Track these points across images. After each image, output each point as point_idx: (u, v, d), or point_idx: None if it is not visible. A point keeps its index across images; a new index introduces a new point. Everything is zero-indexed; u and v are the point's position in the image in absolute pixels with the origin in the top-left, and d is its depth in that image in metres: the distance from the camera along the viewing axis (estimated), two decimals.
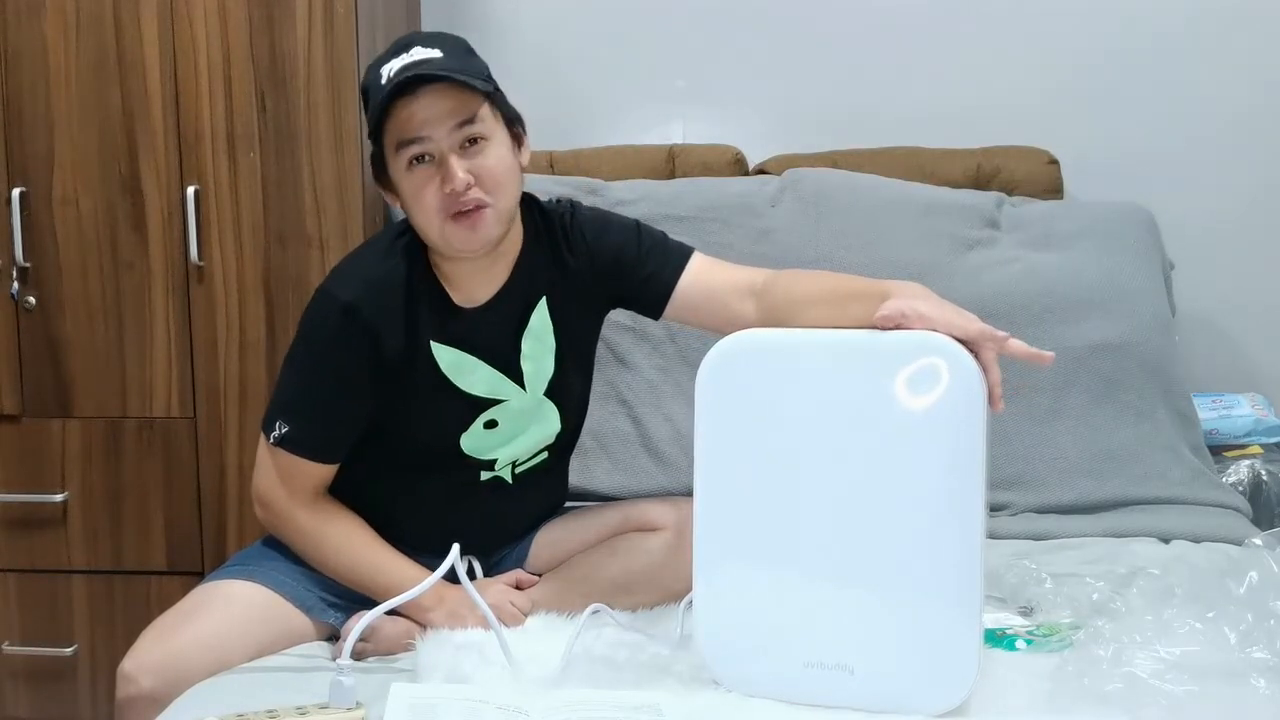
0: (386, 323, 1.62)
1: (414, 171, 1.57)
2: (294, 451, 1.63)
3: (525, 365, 1.70)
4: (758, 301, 1.64)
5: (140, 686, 1.52)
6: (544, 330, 1.71)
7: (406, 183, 1.59)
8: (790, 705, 1.38)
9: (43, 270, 2.26)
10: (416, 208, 1.59)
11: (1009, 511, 2.14)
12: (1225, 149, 2.60)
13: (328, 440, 1.65)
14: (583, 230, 1.72)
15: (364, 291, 1.61)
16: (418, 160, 1.57)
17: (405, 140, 1.56)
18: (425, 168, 1.57)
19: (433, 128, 1.55)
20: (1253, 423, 2.42)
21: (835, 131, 2.61)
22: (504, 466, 1.73)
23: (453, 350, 1.66)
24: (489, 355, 1.68)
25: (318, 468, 1.65)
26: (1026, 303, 2.25)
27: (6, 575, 2.31)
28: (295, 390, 1.66)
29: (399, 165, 1.59)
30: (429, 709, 1.30)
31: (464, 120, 1.56)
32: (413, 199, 1.59)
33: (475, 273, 1.66)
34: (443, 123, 1.55)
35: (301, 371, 1.66)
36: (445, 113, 1.55)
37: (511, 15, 2.65)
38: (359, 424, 1.67)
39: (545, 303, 1.70)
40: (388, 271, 1.64)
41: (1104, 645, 1.39)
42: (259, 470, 1.67)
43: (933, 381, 1.32)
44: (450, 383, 1.66)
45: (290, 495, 1.65)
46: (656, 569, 1.67)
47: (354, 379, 1.63)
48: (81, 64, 2.21)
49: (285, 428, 1.63)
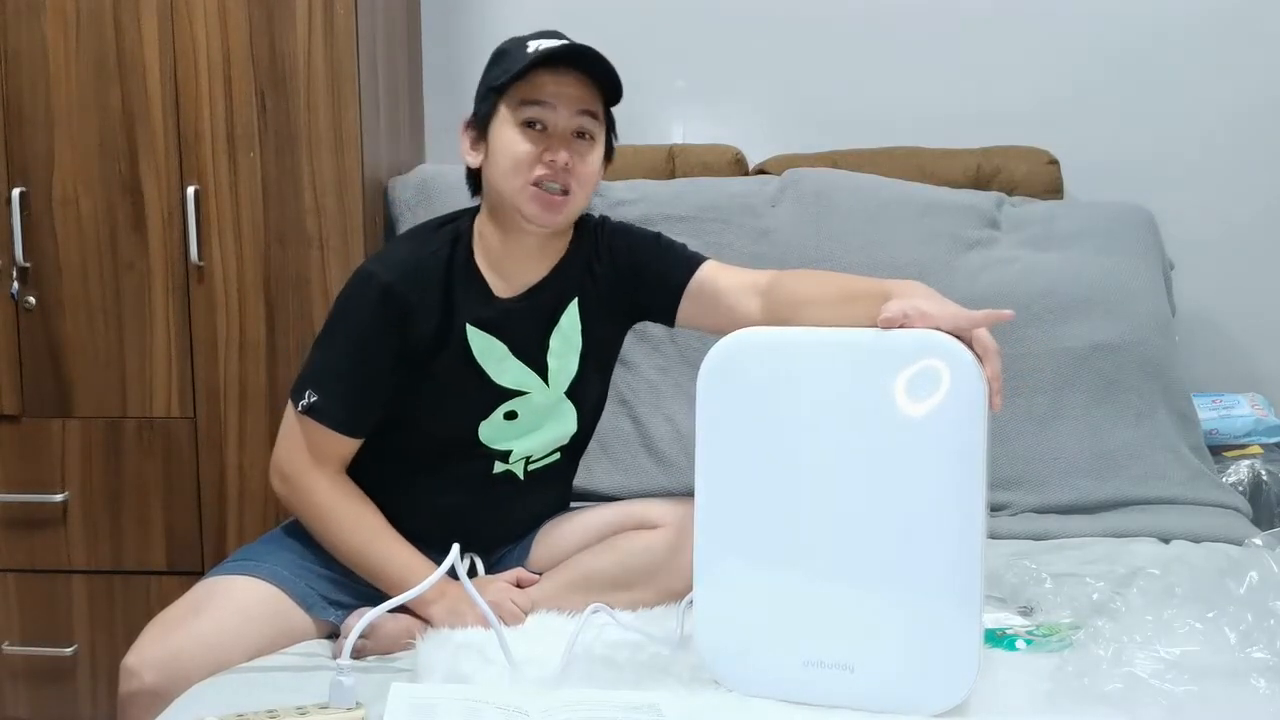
0: (423, 305, 1.65)
1: (523, 131, 1.63)
2: (321, 421, 1.65)
3: (551, 361, 1.73)
4: (763, 301, 1.66)
5: (142, 681, 1.52)
6: (572, 330, 1.74)
7: (510, 134, 1.64)
8: (790, 705, 1.38)
9: (43, 270, 2.26)
10: (508, 160, 1.64)
11: (1009, 511, 2.14)
12: (1225, 149, 2.60)
13: (354, 414, 1.67)
14: (611, 241, 1.78)
15: (403, 273, 1.65)
16: (530, 125, 1.63)
17: (533, 100, 1.62)
18: (535, 133, 1.63)
19: (563, 101, 1.62)
20: (1253, 423, 2.42)
21: (835, 131, 2.61)
22: (518, 461, 1.75)
23: (487, 336, 1.69)
24: (519, 347, 1.71)
25: (341, 440, 1.67)
26: (1026, 303, 2.25)
27: (6, 575, 2.32)
28: (327, 363, 1.67)
29: (511, 119, 1.63)
30: (429, 709, 1.30)
31: (587, 110, 1.65)
32: (508, 151, 1.64)
33: (519, 260, 1.70)
34: (572, 103, 1.63)
35: (335, 346, 1.67)
36: (577, 96, 1.63)
37: (511, 16, 2.65)
38: (385, 402, 1.68)
39: (576, 304, 1.74)
40: (429, 255, 1.68)
41: (1104, 645, 1.39)
42: (282, 439, 1.69)
43: (934, 381, 1.32)
44: (480, 368, 1.69)
45: (312, 466, 1.66)
46: (656, 567, 1.67)
47: (385, 358, 1.65)
48: (81, 64, 2.22)
49: (314, 397, 1.65)
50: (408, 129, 2.57)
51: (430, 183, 2.37)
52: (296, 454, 1.66)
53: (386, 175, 2.40)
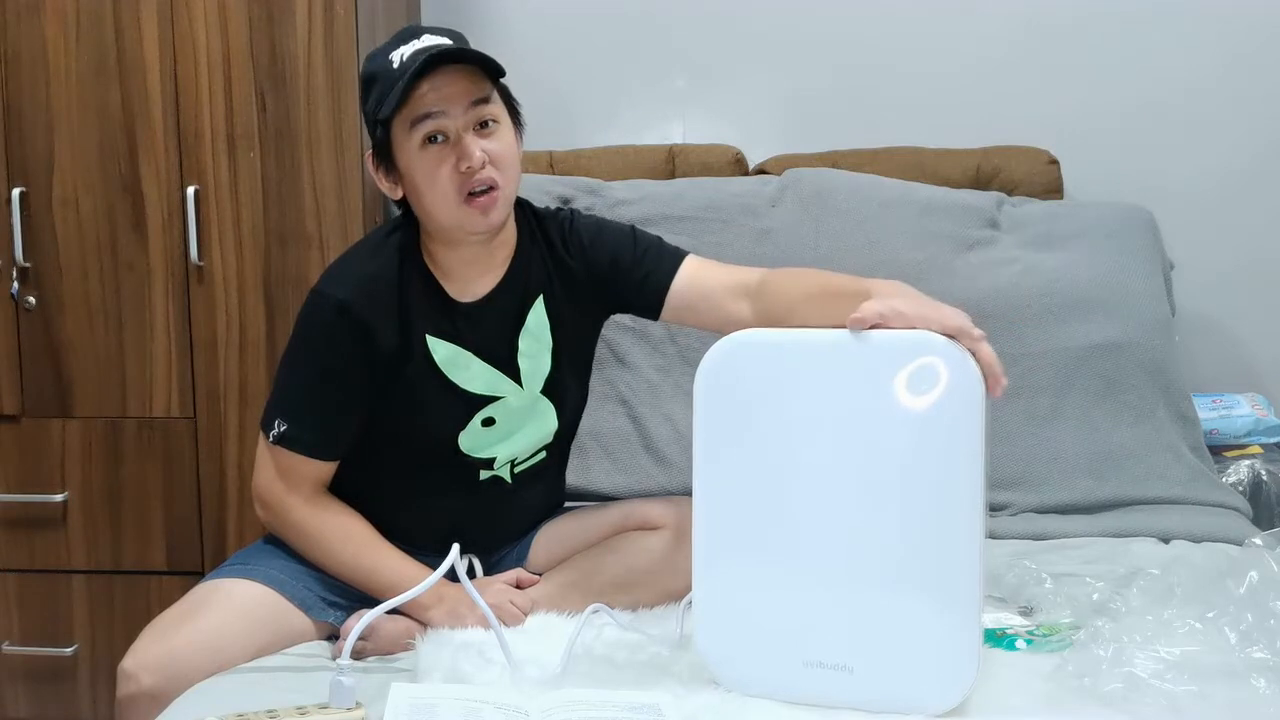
0: (380, 319, 1.63)
1: (427, 151, 1.59)
2: (293, 449, 1.64)
3: (522, 363, 1.71)
4: (752, 302, 1.64)
5: (140, 684, 1.52)
6: (541, 328, 1.72)
7: (420, 163, 1.60)
8: (790, 705, 1.38)
9: (43, 270, 2.26)
10: (429, 189, 1.60)
11: (1009, 511, 2.14)
12: (1226, 149, 2.60)
13: (326, 438, 1.66)
14: (580, 235, 1.74)
15: (356, 289, 1.62)
16: (430, 140, 1.58)
17: (421, 116, 1.57)
18: (439, 147, 1.59)
19: (449, 104, 1.57)
20: (1253, 423, 2.42)
21: (835, 131, 2.61)
22: (503, 465, 1.74)
23: (449, 345, 1.67)
24: (486, 352, 1.68)
25: (316, 465, 1.66)
26: (1026, 303, 2.25)
27: (6, 575, 2.32)
28: (293, 389, 1.67)
29: (411, 145, 1.59)
30: (429, 709, 1.30)
31: (479, 99, 1.59)
32: (426, 180, 1.60)
33: (472, 264, 1.67)
34: (459, 101, 1.57)
35: (298, 371, 1.67)
36: (462, 91, 1.58)
37: (511, 15, 2.65)
38: (357, 421, 1.67)
39: (542, 301, 1.71)
40: (380, 268, 1.65)
41: (1104, 645, 1.39)
42: (259, 469, 1.68)
43: (932, 381, 1.32)
44: (447, 378, 1.67)
45: (290, 492, 1.65)
46: (656, 567, 1.67)
47: (350, 377, 1.64)
48: (81, 64, 2.22)
49: (284, 426, 1.64)
50: None
51: None
52: (273, 482, 1.66)
53: None
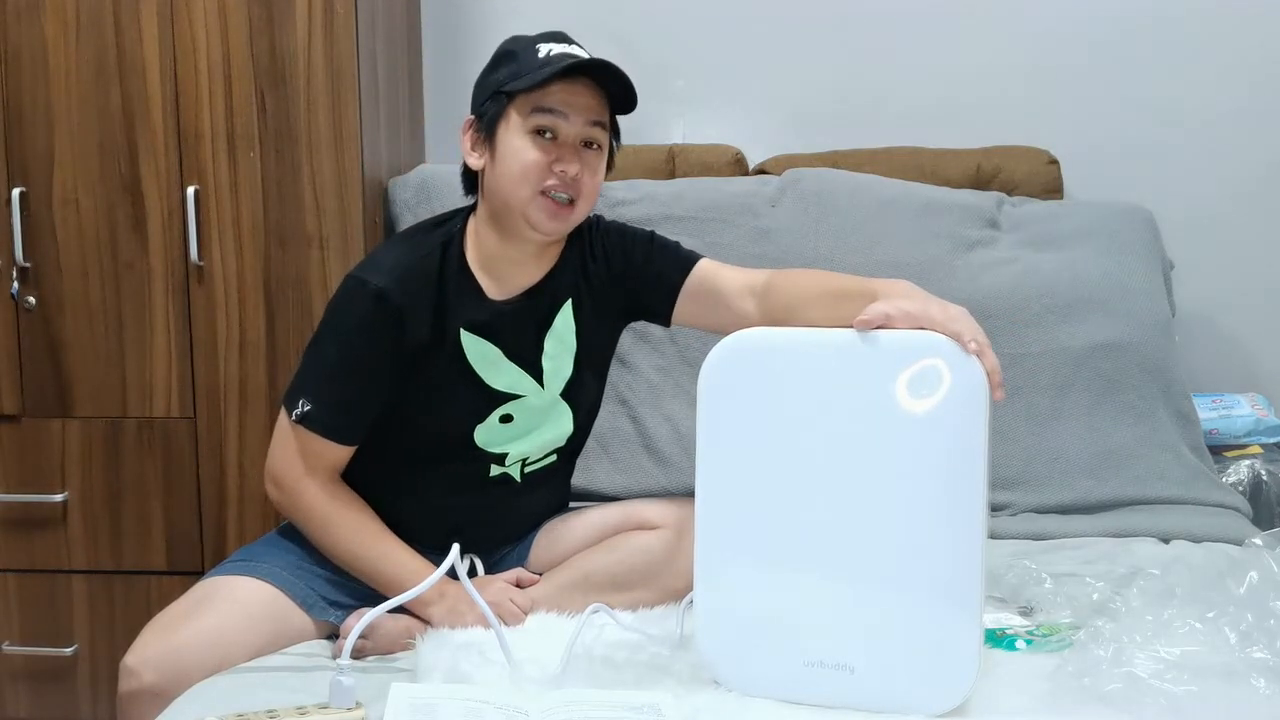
0: (415, 310, 1.65)
1: (533, 138, 1.63)
2: (314, 430, 1.65)
3: (546, 364, 1.73)
4: (759, 302, 1.66)
5: (142, 681, 1.52)
6: (566, 332, 1.74)
7: (519, 141, 1.63)
8: (790, 705, 1.38)
9: (43, 270, 2.26)
10: (517, 167, 1.63)
11: (1009, 511, 2.14)
12: (1225, 149, 2.60)
13: (348, 422, 1.67)
14: (605, 241, 1.77)
15: (395, 279, 1.64)
16: (540, 133, 1.62)
17: (546, 108, 1.61)
18: (545, 142, 1.63)
19: (575, 111, 1.62)
20: (1253, 423, 2.42)
21: (835, 131, 2.61)
22: (514, 463, 1.75)
23: (481, 340, 1.69)
24: (513, 350, 1.71)
25: (335, 448, 1.67)
26: (1026, 303, 2.25)
27: (6, 575, 2.31)
28: (321, 371, 1.67)
29: (520, 125, 1.63)
30: (429, 709, 1.30)
31: (597, 121, 1.65)
32: (517, 158, 1.63)
33: (518, 263, 1.70)
34: (583, 113, 1.63)
35: (328, 354, 1.67)
36: (588, 106, 1.63)
37: (511, 15, 2.65)
38: (379, 409, 1.68)
39: (570, 305, 1.74)
40: (420, 260, 1.67)
41: (1104, 645, 1.39)
42: (275, 447, 1.69)
43: (934, 382, 1.32)
44: (474, 373, 1.69)
45: (306, 474, 1.66)
46: (656, 567, 1.67)
47: (379, 364, 1.65)
48: (81, 64, 2.21)
49: (308, 406, 1.65)
50: (407, 129, 2.57)
51: (430, 182, 2.37)
52: (290, 462, 1.66)
53: (386, 175, 2.40)
